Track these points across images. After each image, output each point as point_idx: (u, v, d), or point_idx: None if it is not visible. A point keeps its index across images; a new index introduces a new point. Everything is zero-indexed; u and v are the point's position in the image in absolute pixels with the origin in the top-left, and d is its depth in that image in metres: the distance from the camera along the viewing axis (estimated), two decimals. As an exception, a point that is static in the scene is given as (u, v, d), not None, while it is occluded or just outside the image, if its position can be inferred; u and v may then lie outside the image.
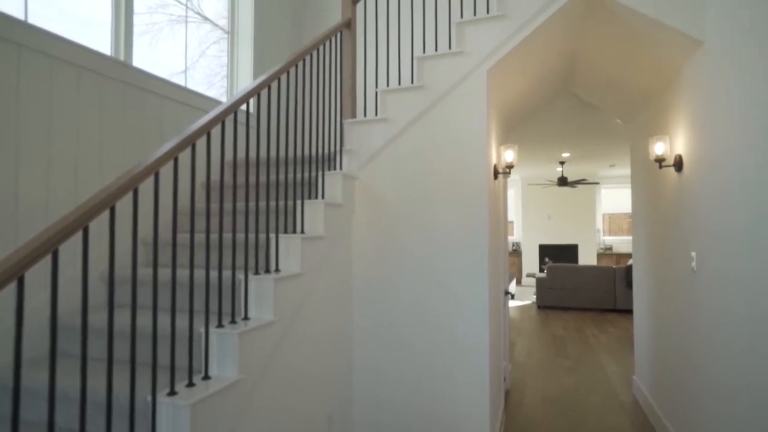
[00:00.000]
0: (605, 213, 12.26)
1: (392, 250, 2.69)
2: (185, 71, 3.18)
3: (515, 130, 5.76)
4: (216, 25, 3.53)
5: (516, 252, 12.50)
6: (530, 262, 12.13)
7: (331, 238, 2.49)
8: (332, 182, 2.60)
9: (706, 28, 2.23)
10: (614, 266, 8.10)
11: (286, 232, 2.20)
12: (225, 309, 2.08)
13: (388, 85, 2.86)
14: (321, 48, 3.05)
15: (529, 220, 12.15)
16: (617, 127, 6.12)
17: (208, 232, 1.70)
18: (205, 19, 3.44)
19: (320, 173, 2.70)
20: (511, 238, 12.82)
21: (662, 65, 2.77)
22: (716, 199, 2.19)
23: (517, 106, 3.90)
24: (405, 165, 2.70)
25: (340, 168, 2.73)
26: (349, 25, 2.93)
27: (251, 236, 2.41)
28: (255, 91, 1.99)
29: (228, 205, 2.79)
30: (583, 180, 9.49)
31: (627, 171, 10.61)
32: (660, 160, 2.80)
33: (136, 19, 2.77)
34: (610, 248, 12.11)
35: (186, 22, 3.21)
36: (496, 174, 3.03)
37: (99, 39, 2.56)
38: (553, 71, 3.58)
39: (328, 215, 2.44)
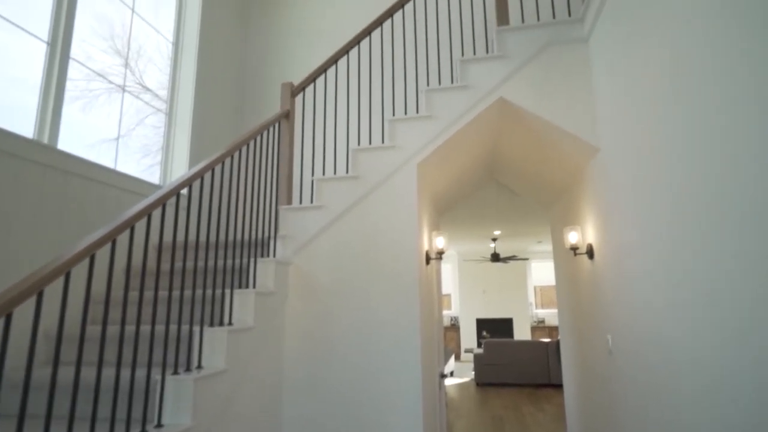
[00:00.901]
0: (536, 285, 12.84)
1: (325, 338, 2.64)
2: (118, 139, 3.12)
3: (449, 211, 6.06)
4: (156, 95, 3.55)
5: (454, 327, 12.59)
6: (469, 337, 12.23)
7: (262, 328, 2.40)
8: (265, 269, 2.56)
9: (601, 137, 2.57)
10: (547, 340, 8.36)
11: (212, 324, 2.10)
12: (136, 414, 1.89)
13: (324, 174, 2.96)
14: (259, 136, 3.14)
15: (465, 295, 12.42)
16: (540, 210, 6.63)
17: (123, 324, 1.59)
18: (146, 89, 3.46)
19: (253, 260, 2.66)
20: (450, 313, 12.96)
21: (570, 163, 3.11)
22: (624, 288, 2.39)
23: (447, 192, 4.15)
24: (340, 251, 2.73)
25: (274, 255, 2.71)
26: (287, 115, 3.06)
27: (174, 329, 2.27)
28: (188, 182, 1.99)
29: (149, 293, 2.63)
30: (514, 256, 10.00)
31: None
32: (574, 249, 3.05)
33: (70, 84, 2.73)
34: (542, 321, 12.55)
35: (124, 91, 3.22)
36: (428, 260, 3.13)
37: (21, 122, 2.48)
38: (479, 162, 3.89)
39: (259, 304, 2.37)
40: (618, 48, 2.24)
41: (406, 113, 2.93)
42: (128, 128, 3.24)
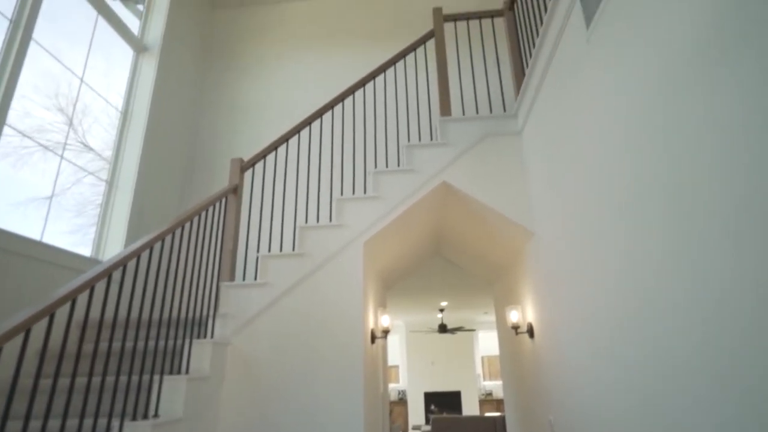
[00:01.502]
0: (484, 356, 12.82)
1: (265, 425, 2.46)
2: (51, 198, 2.95)
3: (397, 283, 6.09)
4: (99, 155, 3.44)
5: (402, 401, 12.14)
6: (417, 411, 11.79)
7: (193, 420, 2.21)
8: (200, 352, 2.41)
9: (535, 222, 2.75)
10: (495, 414, 8.22)
11: (135, 417, 1.92)
12: None
13: (269, 251, 2.92)
14: (205, 211, 3.08)
15: (413, 367, 12.14)
16: (485, 283, 6.81)
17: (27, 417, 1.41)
18: (89, 149, 3.35)
19: (188, 341, 2.50)
20: (397, 386, 12.54)
21: (510, 244, 3.28)
22: (563, 368, 2.46)
23: (394, 268, 4.20)
24: (282, 331, 2.64)
25: (212, 335, 2.58)
26: (235, 190, 3.05)
27: (89, 424, 2.04)
28: (121, 263, 1.89)
29: (65, 380, 2.38)
30: (461, 327, 10.03)
31: (498, 318, 11.52)
32: (515, 327, 3.13)
33: (3, 141, 2.60)
34: (490, 394, 12.40)
35: (64, 149, 3.10)
36: (373, 339, 3.09)
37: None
38: (425, 239, 4.01)
39: (191, 392, 2.21)
40: (545, 143, 2.47)
41: (354, 193, 3.01)
42: (63, 188, 3.10)
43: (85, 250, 3.27)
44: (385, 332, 3.27)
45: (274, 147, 3.17)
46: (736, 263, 1.02)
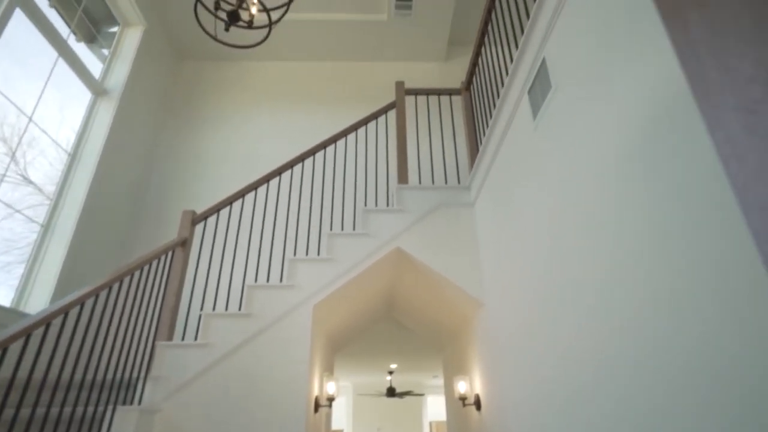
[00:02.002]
0: (432, 420, 12.41)
1: None
2: None
3: (346, 345, 5.91)
4: (41, 190, 3.24)
5: (345, 471, 11.40)
6: (359, 484, 11.07)
7: (104, 501, 1.97)
8: (124, 420, 2.20)
9: (485, 293, 2.81)
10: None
11: (36, 501, 1.69)
12: None
13: (214, 309, 2.79)
14: (148, 265, 2.93)
15: (359, 433, 11.55)
16: (435, 349, 6.75)
17: None
18: (28, 181, 3.14)
19: (111, 408, 2.28)
20: (340, 454, 11.81)
21: (460, 312, 3.31)
22: (507, 447, 2.42)
23: (345, 329, 4.10)
24: (220, 397, 2.46)
25: (140, 401, 2.37)
26: (184, 244, 2.94)
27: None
28: (44, 321, 1.74)
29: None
30: (410, 392, 9.76)
31: (447, 382, 11.32)
32: (463, 399, 3.09)
33: None
34: (437, 464, 11.90)
35: (1, 180, 2.91)
36: (317, 407, 2.94)
37: None
38: (377, 301, 3.97)
39: (106, 469, 1.98)
40: (495, 217, 2.59)
41: (307, 254, 2.98)
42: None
43: (6, 294, 2.99)
44: (330, 400, 3.13)
45: (229, 201, 3.12)
46: (678, 326, 1.07)
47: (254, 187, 3.16)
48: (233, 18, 2.42)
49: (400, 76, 4.78)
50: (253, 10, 2.53)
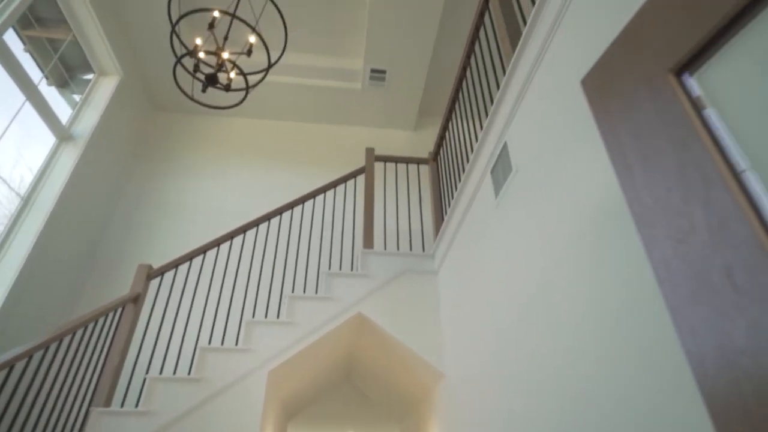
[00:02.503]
0: (386, 499, 11.64)
1: None
2: None
3: (301, 411, 5.60)
4: None
5: None
6: None
7: None
8: (43, 501, 1.96)
9: (446, 364, 2.78)
10: None
11: None
12: None
13: (161, 373, 2.62)
14: (93, 323, 2.74)
15: None
16: (395, 418, 6.49)
17: None
18: None
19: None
20: None
21: (421, 381, 3.23)
22: None
23: (301, 395, 3.91)
24: (155, 475, 2.25)
25: (64, 478, 2.13)
26: (136, 300, 2.80)
27: None
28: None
29: None
30: (365, 462, 9.20)
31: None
32: (420, 477, 2.94)
33: None
34: None
35: None
36: (264, 485, 2.73)
37: None
38: (336, 367, 3.84)
39: None
40: (458, 287, 2.62)
41: (266, 316, 2.89)
42: None
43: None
44: (279, 477, 2.91)
45: (188, 257, 3.03)
46: (619, 397, 1.08)
47: (217, 243, 3.10)
48: (211, 80, 2.49)
49: (371, 141, 4.94)
50: (232, 74, 2.61)
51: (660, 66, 0.59)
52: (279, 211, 3.26)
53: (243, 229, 3.18)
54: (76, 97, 4.27)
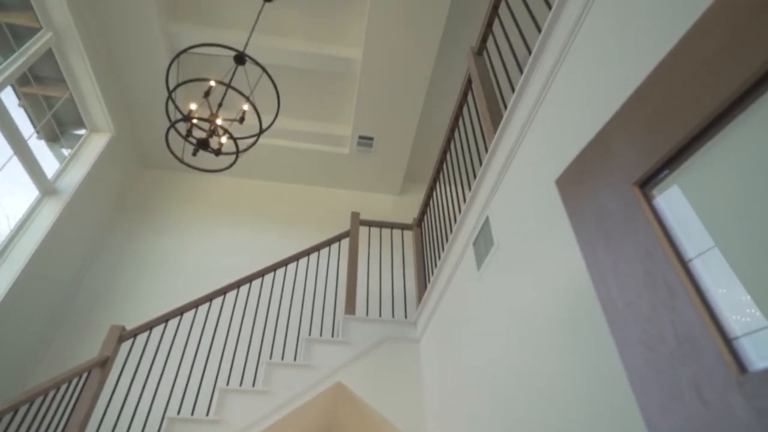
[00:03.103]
0: None
1: None
2: None
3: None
4: None
5: None
6: None
7: None
8: None
9: (427, 439, 2.66)
10: None
11: None
12: None
13: (123, 446, 2.45)
14: (56, 389, 2.58)
15: None
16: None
17: None
18: None
19: None
20: None
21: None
22: None
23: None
24: None
25: None
26: (105, 363, 2.67)
27: None
28: None
29: None
30: None
31: None
32: None
33: None
34: None
35: None
36: None
37: None
38: (311, 438, 3.63)
39: None
40: (439, 356, 2.57)
41: (241, 384, 2.77)
42: None
43: None
44: None
45: (165, 319, 2.94)
46: None
47: (195, 305, 3.03)
48: (203, 145, 2.55)
49: (357, 204, 5.02)
50: (223, 139, 2.69)
51: (626, 178, 0.64)
52: (261, 273, 3.22)
53: (223, 291, 3.12)
54: (65, 152, 4.30)
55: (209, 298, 3.07)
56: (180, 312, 2.98)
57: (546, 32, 1.57)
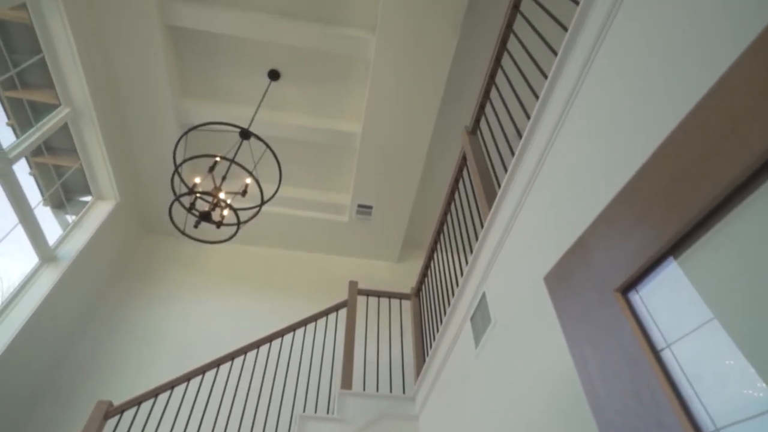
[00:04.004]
0: None
1: None
2: None
3: None
4: None
5: None
6: None
7: None
8: None
9: None
10: None
11: None
12: None
13: None
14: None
15: None
16: None
17: None
18: None
19: None
20: None
21: None
22: None
23: None
24: None
25: None
26: (87, 443, 2.55)
27: None
28: None
29: None
30: None
31: None
32: None
33: None
34: None
35: None
36: None
37: None
38: None
39: None
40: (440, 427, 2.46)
41: (230, 467, 2.63)
42: None
43: None
44: None
45: (154, 393, 2.85)
46: None
47: (187, 378, 2.95)
48: (205, 218, 2.62)
49: (355, 271, 5.02)
50: (225, 212, 2.76)
51: (608, 285, 0.68)
52: (256, 345, 3.17)
53: (216, 363, 3.05)
54: (69, 218, 4.37)
55: (202, 371, 3.00)
56: (170, 386, 2.89)
57: (529, 133, 1.68)
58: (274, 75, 4.01)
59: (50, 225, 4.13)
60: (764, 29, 0.60)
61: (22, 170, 3.69)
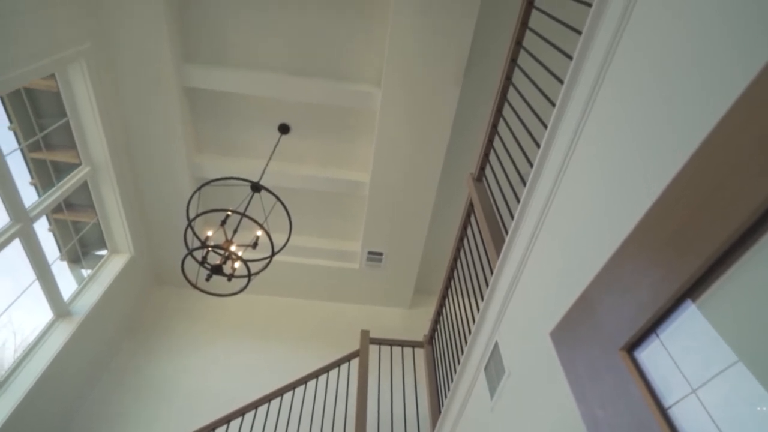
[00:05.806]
0: None
1: None
2: None
3: None
4: None
5: None
6: None
7: None
8: None
9: None
10: None
11: None
12: None
13: None
14: None
15: None
16: None
17: None
18: None
19: None
20: None
21: None
22: None
23: None
24: None
25: None
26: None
27: None
28: None
29: None
30: None
31: None
32: None
33: None
34: None
35: None
36: None
37: None
38: None
39: None
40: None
41: None
42: None
43: None
44: None
45: (163, 453, 2.78)
46: None
47: (197, 436, 2.88)
48: (217, 271, 2.65)
49: (366, 318, 4.96)
50: (236, 264, 2.79)
51: (612, 343, 0.67)
52: (267, 399, 3.10)
53: (227, 419, 2.98)
54: (84, 272, 4.44)
55: (212, 427, 2.93)
56: (183, 443, 2.82)
57: (532, 181, 1.71)
58: (284, 129, 4.16)
59: (65, 279, 4.19)
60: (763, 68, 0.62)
61: (41, 227, 3.80)
